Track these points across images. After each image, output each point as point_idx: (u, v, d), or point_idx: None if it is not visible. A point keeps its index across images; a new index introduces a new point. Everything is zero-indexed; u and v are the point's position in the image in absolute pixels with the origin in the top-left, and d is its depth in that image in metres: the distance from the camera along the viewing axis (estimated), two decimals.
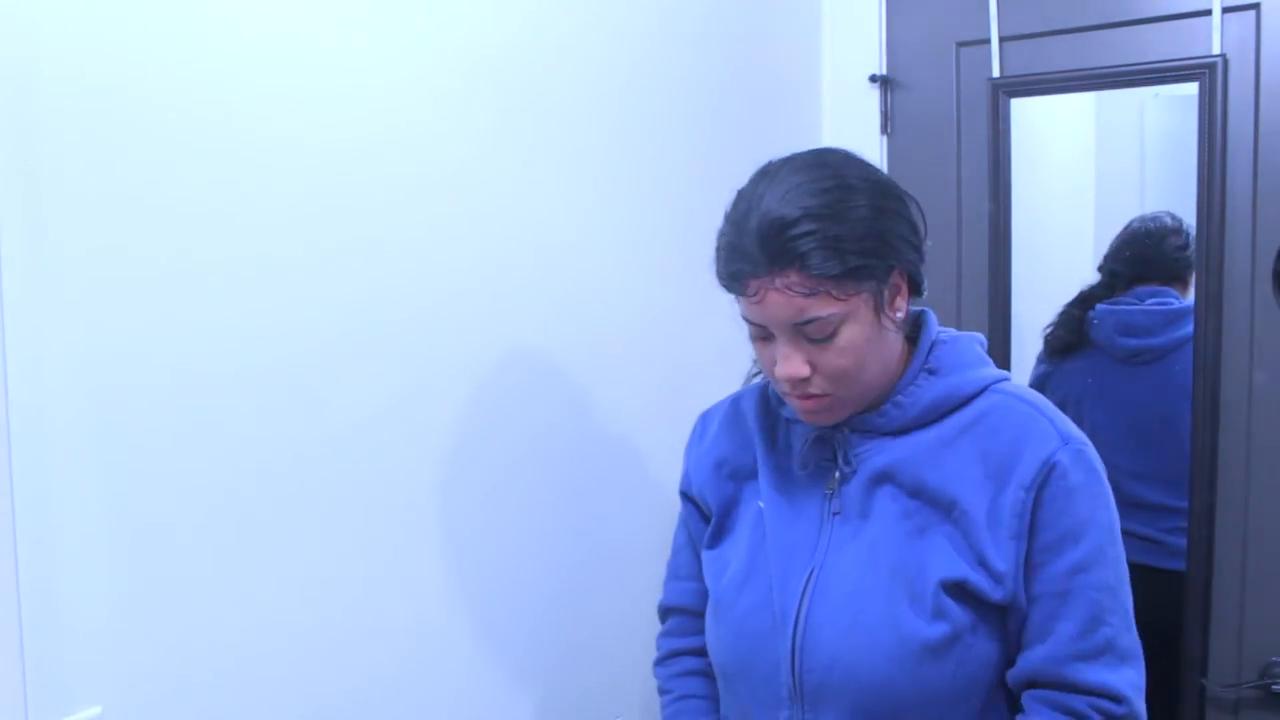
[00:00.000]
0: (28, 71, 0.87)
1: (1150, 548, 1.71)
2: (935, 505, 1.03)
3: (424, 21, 1.21)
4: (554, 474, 1.42)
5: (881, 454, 1.06)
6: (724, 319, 1.10)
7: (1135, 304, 1.79)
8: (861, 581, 1.04)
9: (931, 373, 1.07)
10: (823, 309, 0.98)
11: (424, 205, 1.23)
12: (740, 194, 1.03)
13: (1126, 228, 1.83)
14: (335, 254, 1.13)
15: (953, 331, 1.12)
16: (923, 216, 1.06)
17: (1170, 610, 1.68)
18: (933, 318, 1.11)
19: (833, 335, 0.99)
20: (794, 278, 0.96)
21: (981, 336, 1.13)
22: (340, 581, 1.15)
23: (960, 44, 1.87)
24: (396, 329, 1.20)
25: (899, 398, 1.06)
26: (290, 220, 1.08)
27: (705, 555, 1.19)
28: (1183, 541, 1.69)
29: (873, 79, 1.93)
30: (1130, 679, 1.01)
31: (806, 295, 0.97)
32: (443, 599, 1.27)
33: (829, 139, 1.95)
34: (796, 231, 0.96)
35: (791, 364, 1.00)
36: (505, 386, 1.34)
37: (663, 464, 1.61)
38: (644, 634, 1.58)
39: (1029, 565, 1.01)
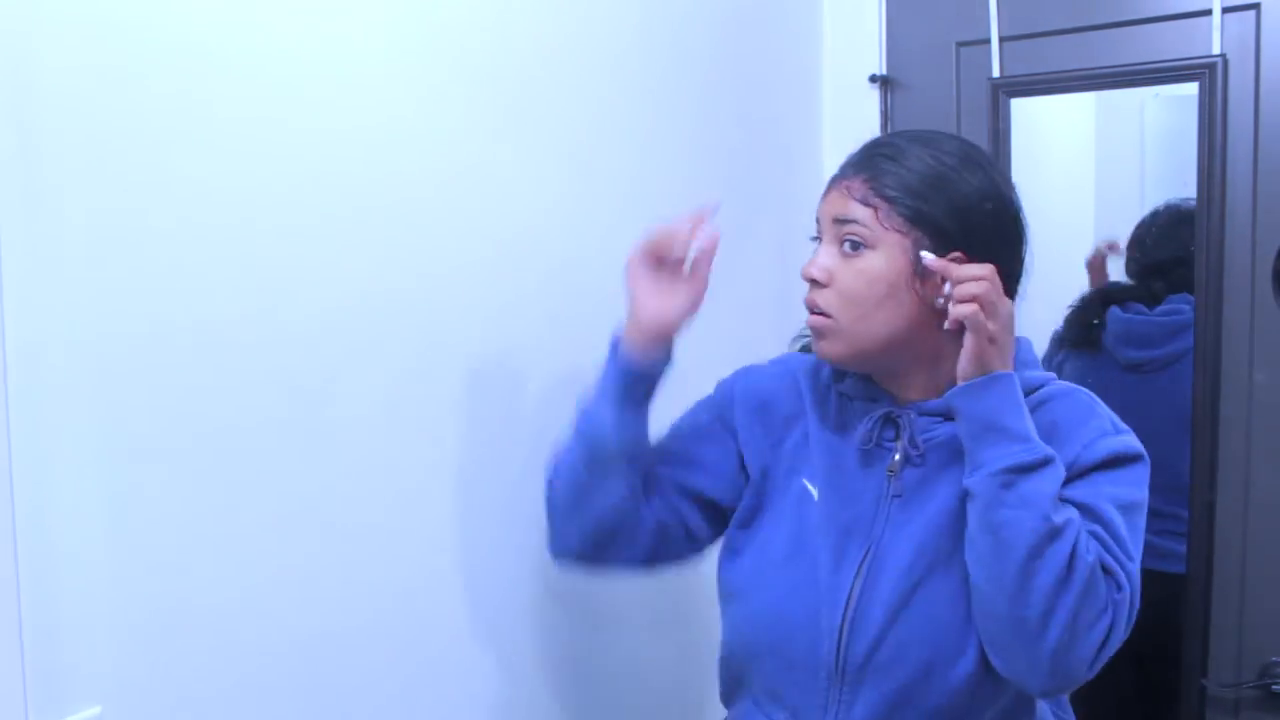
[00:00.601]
0: (28, 71, 0.87)
1: (1155, 552, 1.71)
2: None
3: (425, 23, 1.21)
4: None
5: (946, 429, 1.06)
6: (725, 319, 1.10)
7: (1144, 312, 1.78)
8: (917, 562, 1.04)
9: None
10: (861, 217, 1.04)
11: (424, 205, 1.22)
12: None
13: (1151, 214, 1.79)
14: (336, 253, 1.13)
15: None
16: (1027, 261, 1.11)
17: (1170, 612, 1.68)
18: None
19: (859, 251, 1.04)
20: (858, 184, 1.05)
21: (1028, 341, 1.14)
22: (340, 581, 1.15)
23: (960, 44, 1.87)
24: (398, 328, 1.20)
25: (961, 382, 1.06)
26: (290, 219, 1.08)
27: (736, 534, 1.17)
28: (1180, 546, 1.69)
29: (873, 79, 1.93)
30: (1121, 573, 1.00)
31: (856, 201, 1.05)
32: (443, 599, 1.27)
33: (829, 139, 1.95)
34: (889, 154, 1.06)
35: (814, 264, 1.07)
36: (505, 386, 1.34)
37: None
38: (645, 634, 1.59)
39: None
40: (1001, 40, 1.82)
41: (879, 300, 1.04)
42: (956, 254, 1.04)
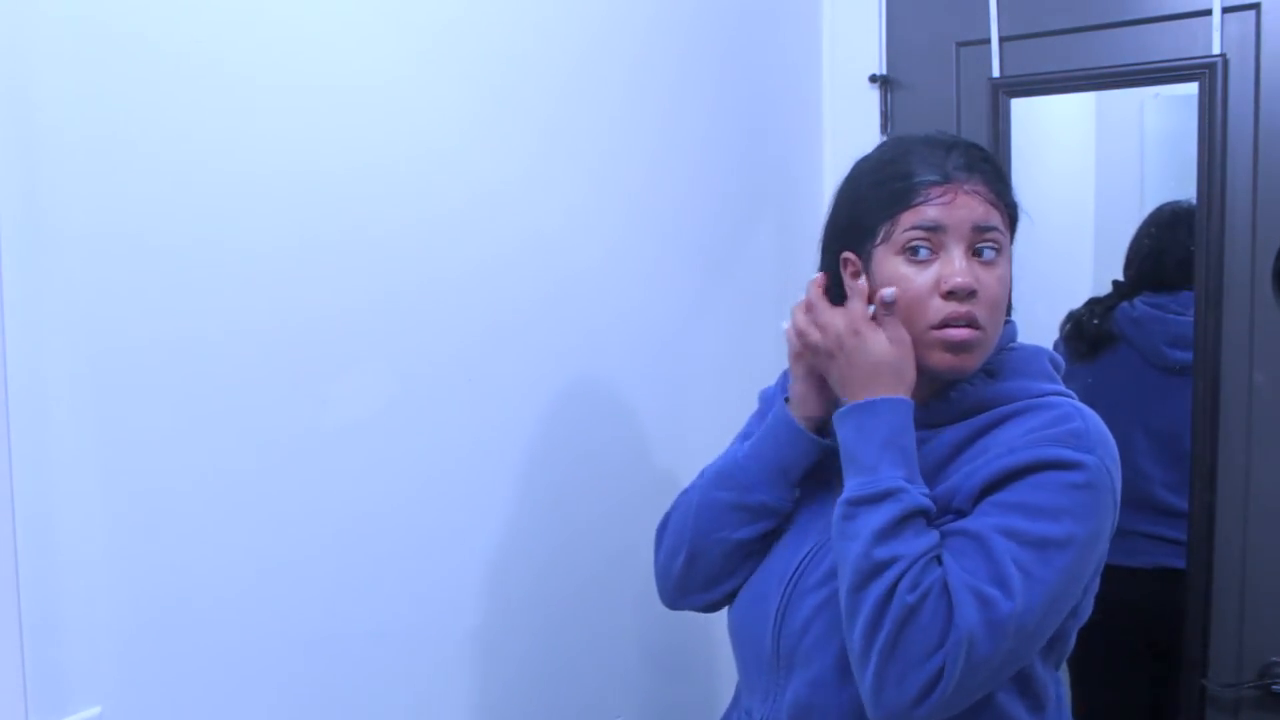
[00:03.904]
0: (28, 70, 0.87)
1: (1182, 550, 1.70)
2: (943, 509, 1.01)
3: (431, 31, 1.21)
4: (554, 474, 1.42)
5: (934, 452, 1.03)
6: (724, 318, 1.10)
7: (1184, 313, 1.72)
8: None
9: (990, 374, 1.05)
10: (996, 222, 1.01)
11: (428, 210, 1.23)
12: (888, 143, 1.09)
13: (1159, 211, 1.78)
14: (337, 252, 1.13)
15: (1030, 346, 1.10)
16: None
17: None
18: (1013, 329, 1.10)
19: (995, 259, 1.02)
20: (982, 187, 1.01)
21: (1056, 354, 1.10)
22: (340, 581, 1.15)
23: (960, 44, 1.87)
24: (399, 327, 1.20)
25: (950, 393, 1.04)
26: (290, 219, 1.08)
27: None
28: None
29: (873, 79, 1.93)
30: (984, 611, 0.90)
31: (990, 205, 1.01)
32: (444, 599, 1.27)
33: (829, 139, 1.95)
34: (980, 155, 1.03)
35: (963, 272, 0.99)
36: (505, 386, 1.34)
37: (663, 463, 1.61)
38: (644, 634, 1.59)
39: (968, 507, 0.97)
40: (1001, 40, 1.82)
41: (1004, 310, 1.04)
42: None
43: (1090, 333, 1.82)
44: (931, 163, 1.01)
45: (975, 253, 1.01)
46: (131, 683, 0.96)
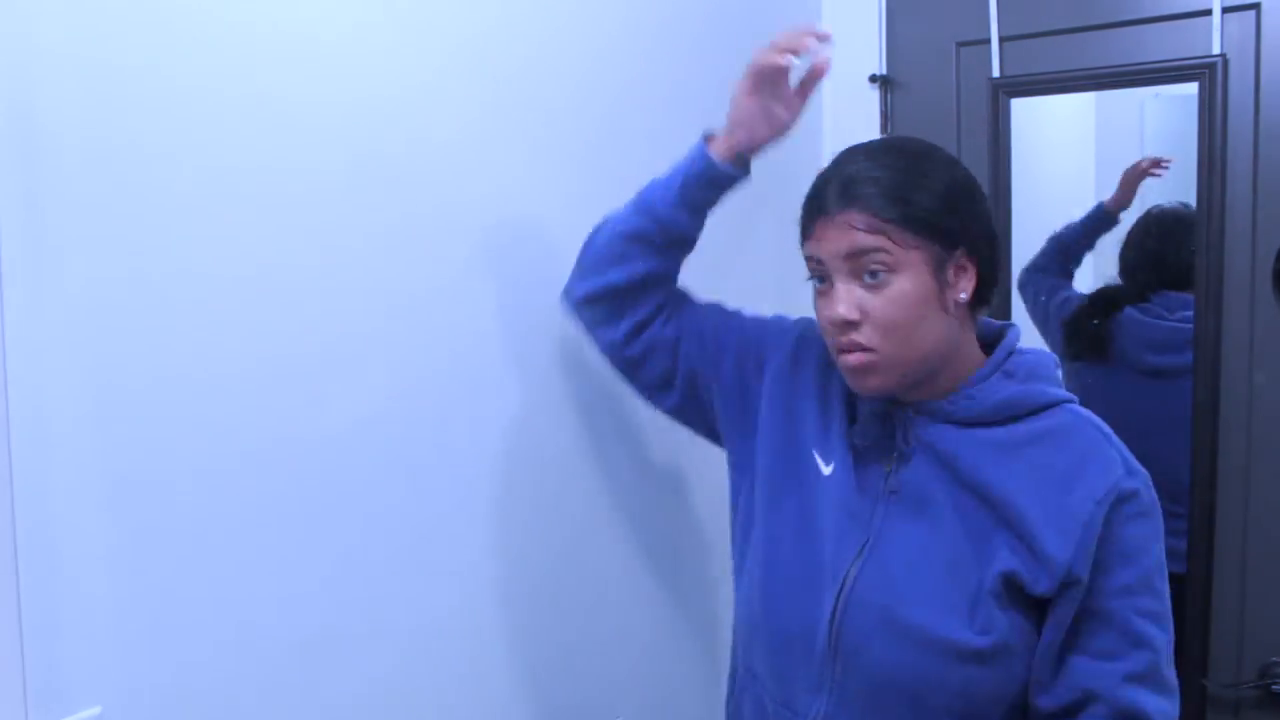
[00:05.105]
0: (28, 69, 0.87)
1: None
2: (994, 508, 1.03)
3: (428, 22, 1.21)
4: (555, 473, 1.42)
5: (944, 441, 1.06)
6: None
7: (1165, 317, 1.75)
8: (917, 565, 1.04)
9: (1008, 376, 1.07)
10: (875, 244, 1.01)
11: (425, 204, 1.23)
12: (823, 169, 1.11)
13: (1146, 215, 1.80)
14: (338, 252, 1.13)
15: (1036, 350, 1.13)
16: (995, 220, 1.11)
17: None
18: (1017, 333, 1.12)
19: (885, 279, 1.01)
20: (855, 215, 1.02)
21: (1055, 358, 1.14)
22: (340, 581, 1.15)
23: (960, 44, 1.87)
24: (400, 327, 1.20)
25: (970, 390, 1.06)
26: (291, 217, 1.08)
27: (746, 505, 1.19)
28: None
29: (873, 79, 1.93)
30: (1168, 713, 1.02)
31: (863, 231, 1.01)
32: (443, 599, 1.27)
33: (829, 139, 1.95)
34: (865, 177, 1.03)
35: (841, 305, 1.03)
36: (505, 385, 1.34)
37: (664, 462, 1.61)
38: (645, 634, 1.59)
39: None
40: (1001, 40, 1.82)
41: (916, 322, 1.03)
42: (961, 255, 1.04)
43: (1089, 333, 1.82)
44: (816, 194, 1.07)
45: (868, 275, 1.02)
46: (131, 683, 0.96)
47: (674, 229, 1.21)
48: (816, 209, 1.06)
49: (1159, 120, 1.83)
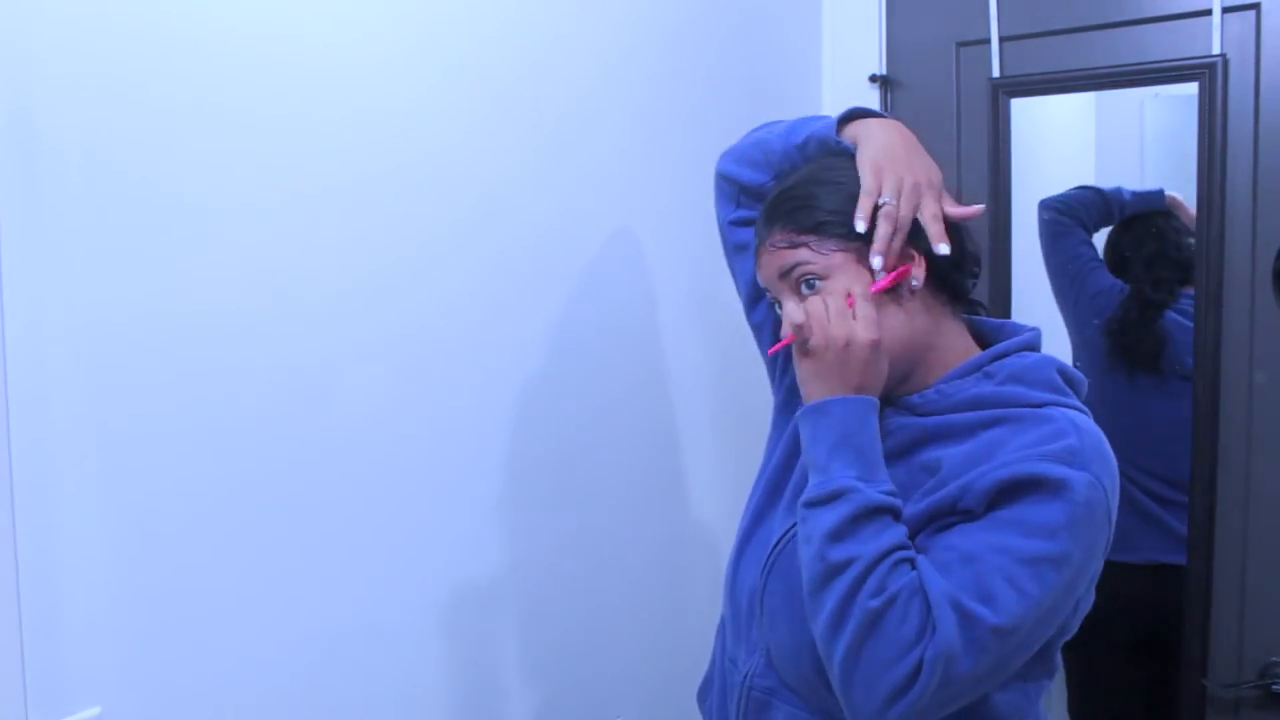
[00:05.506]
0: (28, 69, 0.87)
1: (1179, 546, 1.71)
2: (925, 472, 1.01)
3: (430, 24, 1.21)
4: (555, 473, 1.42)
5: (906, 429, 1.04)
6: (723, 318, 1.10)
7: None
8: None
9: (987, 377, 1.03)
10: (798, 258, 1.03)
11: (425, 202, 1.23)
12: None
13: (1147, 216, 1.80)
14: (338, 253, 1.13)
15: (1037, 355, 1.06)
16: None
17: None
18: (1022, 337, 1.06)
19: (821, 286, 1.02)
20: (776, 236, 1.05)
21: (1069, 366, 1.05)
22: (340, 581, 1.15)
23: (960, 44, 1.87)
24: (404, 328, 1.20)
25: (943, 387, 1.04)
26: (291, 219, 1.08)
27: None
28: None
29: (873, 79, 1.93)
30: (959, 635, 0.90)
31: (788, 248, 1.03)
32: (443, 599, 1.27)
33: None
34: (777, 196, 1.06)
35: (789, 317, 1.03)
36: (506, 385, 1.34)
37: (665, 462, 1.61)
38: (645, 634, 1.59)
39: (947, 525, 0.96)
40: (1001, 40, 1.82)
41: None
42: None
43: (1143, 347, 1.79)
44: (755, 227, 1.10)
45: (804, 287, 1.03)
46: (131, 683, 0.96)
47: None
48: (756, 240, 1.09)
49: (1159, 120, 1.83)
